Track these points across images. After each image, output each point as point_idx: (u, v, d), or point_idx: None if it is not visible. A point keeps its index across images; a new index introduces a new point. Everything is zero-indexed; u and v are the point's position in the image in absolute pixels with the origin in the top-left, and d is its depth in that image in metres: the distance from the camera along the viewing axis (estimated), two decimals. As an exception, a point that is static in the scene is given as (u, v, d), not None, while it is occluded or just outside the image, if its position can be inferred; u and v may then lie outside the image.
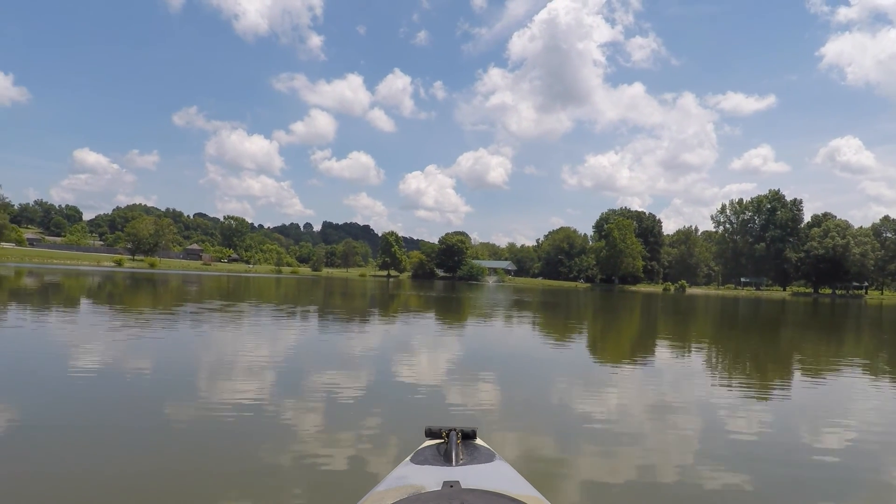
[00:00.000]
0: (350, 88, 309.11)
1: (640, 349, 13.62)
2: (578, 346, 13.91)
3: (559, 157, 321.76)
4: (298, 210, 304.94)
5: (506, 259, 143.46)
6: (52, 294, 22.11)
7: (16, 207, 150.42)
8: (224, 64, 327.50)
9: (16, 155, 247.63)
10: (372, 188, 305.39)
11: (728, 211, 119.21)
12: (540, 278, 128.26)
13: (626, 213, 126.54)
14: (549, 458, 4.72)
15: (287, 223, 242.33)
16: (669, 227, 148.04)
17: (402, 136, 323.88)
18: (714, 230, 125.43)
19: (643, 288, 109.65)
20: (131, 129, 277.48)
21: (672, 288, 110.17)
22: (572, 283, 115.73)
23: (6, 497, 3.48)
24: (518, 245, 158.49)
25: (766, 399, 7.66)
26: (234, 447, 4.57)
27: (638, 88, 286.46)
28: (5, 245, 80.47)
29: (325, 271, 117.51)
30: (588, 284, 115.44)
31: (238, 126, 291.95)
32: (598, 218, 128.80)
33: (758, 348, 14.79)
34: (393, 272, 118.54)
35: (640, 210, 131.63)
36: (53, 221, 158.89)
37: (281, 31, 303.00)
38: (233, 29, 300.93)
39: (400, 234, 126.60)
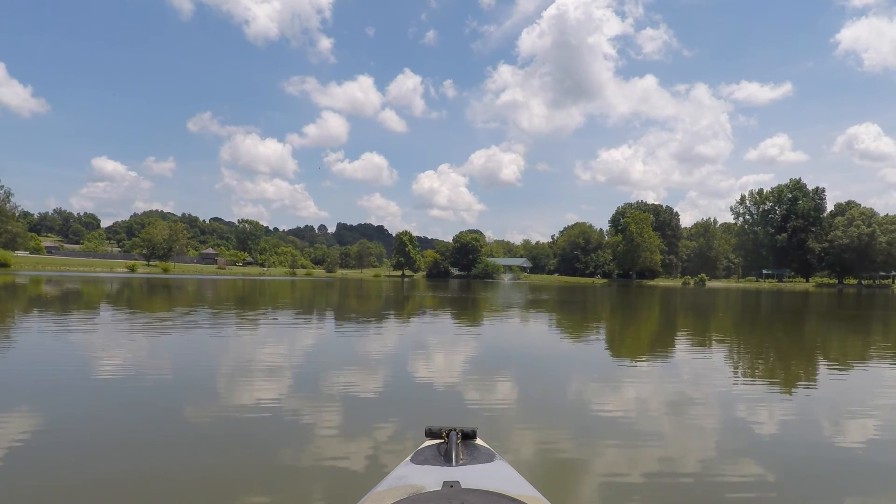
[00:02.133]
0: (361, 90, 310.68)
1: (658, 345, 13.34)
2: (594, 344, 13.68)
3: (572, 153, 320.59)
4: (313, 212, 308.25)
5: (521, 256, 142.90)
6: (53, 302, 22.29)
7: (36, 216, 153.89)
8: (236, 69, 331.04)
9: (36, 165, 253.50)
10: (385, 189, 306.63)
11: (748, 202, 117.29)
12: (556, 275, 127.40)
13: (643, 207, 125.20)
14: (560, 457, 4.58)
15: (302, 225, 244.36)
16: (685, 221, 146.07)
17: (413, 135, 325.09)
18: (733, 222, 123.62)
19: (662, 282, 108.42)
20: (147, 137, 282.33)
21: (691, 282, 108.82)
22: (589, 280, 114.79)
23: None
24: (533, 242, 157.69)
25: (788, 392, 7.40)
26: (233, 448, 4.52)
27: (650, 81, 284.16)
28: (20, 254, 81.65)
29: (340, 273, 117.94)
30: (605, 280, 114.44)
31: (251, 130, 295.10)
32: (613, 212, 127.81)
33: (780, 341, 14.39)
34: (408, 272, 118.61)
35: (656, 203, 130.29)
36: (72, 229, 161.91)
37: (291, 35, 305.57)
38: (244, 34, 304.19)
39: (414, 234, 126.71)
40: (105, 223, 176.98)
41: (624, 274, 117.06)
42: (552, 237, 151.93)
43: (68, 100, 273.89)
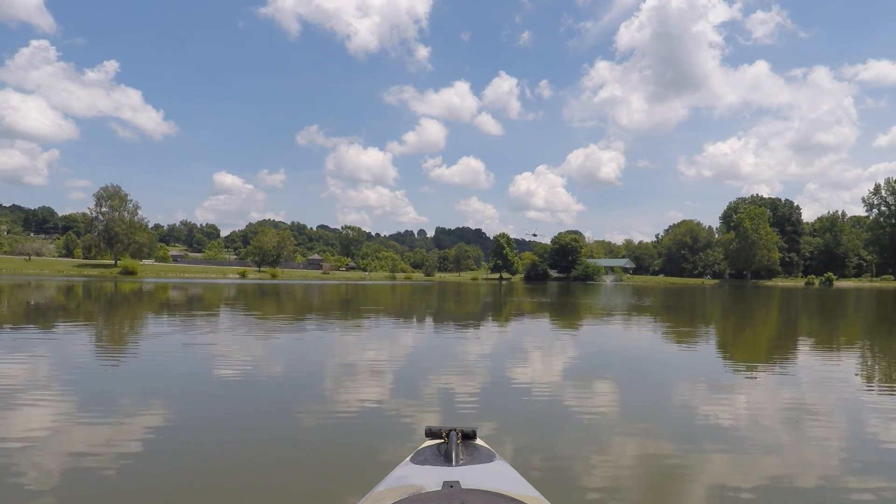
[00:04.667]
0: (457, 95, 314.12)
1: (777, 351, 12.34)
2: (704, 350, 12.91)
3: (675, 148, 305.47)
4: (413, 217, 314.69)
5: (623, 257, 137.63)
6: (171, 306, 24.30)
7: (165, 228, 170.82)
8: (339, 83, 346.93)
9: (167, 181, 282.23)
10: (482, 192, 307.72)
11: (883, 191, 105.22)
12: (661, 276, 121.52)
13: (759, 201, 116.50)
14: (661, 463, 4.39)
15: (402, 231, 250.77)
16: (806, 215, 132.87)
17: (510, 138, 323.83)
18: (865, 214, 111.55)
19: (780, 282, 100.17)
20: (261, 152, 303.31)
21: (816, 282, 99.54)
22: (698, 280, 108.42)
23: (155, 491, 3.83)
24: (635, 242, 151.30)
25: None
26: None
27: (761, 67, 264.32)
28: (146, 262, 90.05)
29: (438, 276, 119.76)
30: (716, 280, 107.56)
31: (354, 140, 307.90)
32: (725, 208, 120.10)
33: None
34: (505, 274, 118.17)
35: (773, 197, 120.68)
36: (195, 239, 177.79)
37: (389, 47, 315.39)
38: (346, 49, 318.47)
39: (511, 236, 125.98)
40: (224, 233, 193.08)
41: (737, 274, 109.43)
42: (656, 236, 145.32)
43: (193, 121, 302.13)
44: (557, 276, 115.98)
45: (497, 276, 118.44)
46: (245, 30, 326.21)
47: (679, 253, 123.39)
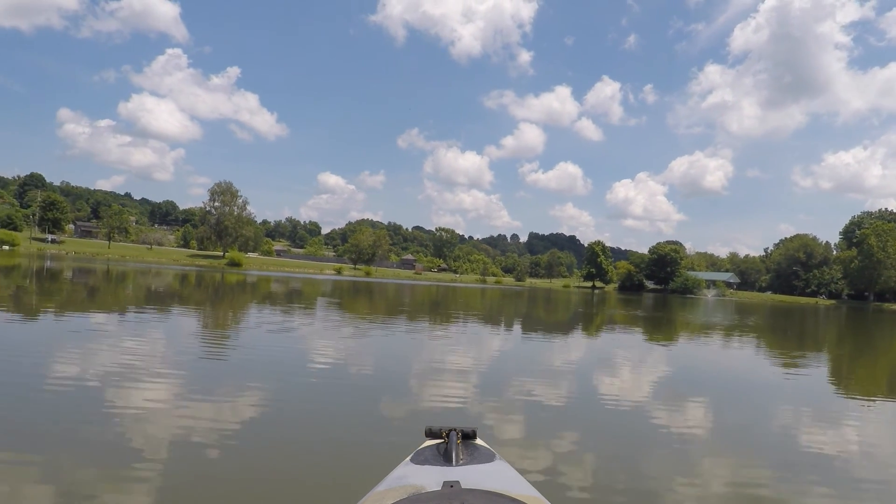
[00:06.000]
0: (558, 100, 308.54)
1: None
2: (814, 380, 11.91)
3: (789, 157, 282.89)
4: (506, 222, 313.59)
5: (726, 271, 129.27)
6: (273, 298, 25.68)
7: (272, 224, 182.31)
8: (441, 87, 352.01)
9: (277, 180, 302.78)
10: (578, 198, 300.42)
11: None
12: (769, 292, 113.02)
13: (887, 216, 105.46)
14: (755, 494, 4.19)
15: (495, 235, 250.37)
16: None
17: (610, 144, 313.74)
18: None
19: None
20: (363, 153, 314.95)
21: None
22: (811, 299, 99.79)
23: (252, 467, 4.23)
24: (741, 255, 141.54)
25: None
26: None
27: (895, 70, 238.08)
28: (251, 255, 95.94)
29: (529, 282, 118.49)
30: (832, 301, 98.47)
31: (453, 144, 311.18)
32: (846, 223, 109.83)
33: None
34: (598, 283, 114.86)
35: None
36: (299, 235, 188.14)
37: (492, 52, 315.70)
38: (449, 54, 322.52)
39: (606, 245, 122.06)
40: (325, 230, 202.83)
41: (857, 295, 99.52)
42: (765, 250, 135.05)
43: (302, 124, 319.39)
44: (654, 287, 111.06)
45: (590, 284, 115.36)
46: (354, 36, 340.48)
47: (790, 269, 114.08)
